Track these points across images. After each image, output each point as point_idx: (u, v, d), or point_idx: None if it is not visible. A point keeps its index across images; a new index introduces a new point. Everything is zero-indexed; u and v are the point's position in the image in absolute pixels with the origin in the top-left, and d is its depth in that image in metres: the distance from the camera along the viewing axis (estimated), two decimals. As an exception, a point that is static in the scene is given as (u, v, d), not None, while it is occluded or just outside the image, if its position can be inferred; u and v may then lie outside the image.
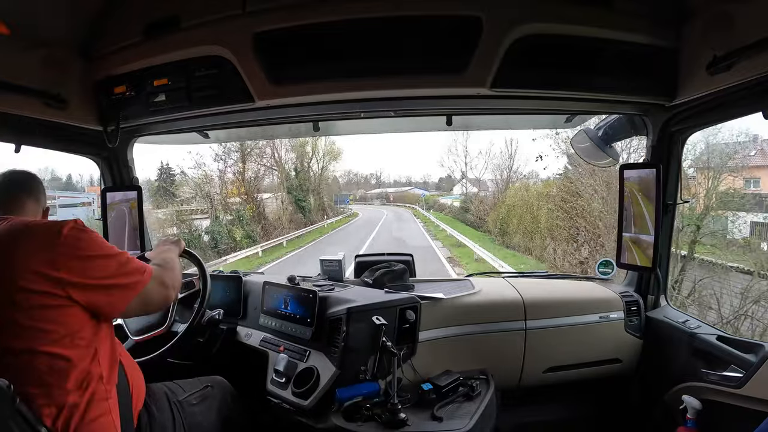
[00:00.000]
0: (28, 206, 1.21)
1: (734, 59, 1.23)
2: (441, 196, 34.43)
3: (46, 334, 0.97)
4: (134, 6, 1.56)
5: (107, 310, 1.06)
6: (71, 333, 1.00)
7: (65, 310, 0.99)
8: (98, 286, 1.03)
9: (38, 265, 0.97)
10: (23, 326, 0.95)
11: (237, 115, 1.73)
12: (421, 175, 49.75)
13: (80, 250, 1.02)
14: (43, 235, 1.01)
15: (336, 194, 29.70)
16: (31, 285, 0.96)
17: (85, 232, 1.05)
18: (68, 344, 0.99)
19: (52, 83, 1.51)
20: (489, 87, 1.45)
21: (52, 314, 0.97)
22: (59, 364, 0.98)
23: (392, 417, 1.33)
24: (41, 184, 1.29)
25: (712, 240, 7.69)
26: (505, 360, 1.80)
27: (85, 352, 1.01)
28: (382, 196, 43.24)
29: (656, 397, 1.78)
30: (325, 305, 1.63)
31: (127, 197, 2.04)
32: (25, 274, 0.96)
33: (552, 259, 11.54)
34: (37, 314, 0.96)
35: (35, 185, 1.26)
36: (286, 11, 1.42)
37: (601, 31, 1.43)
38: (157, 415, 1.21)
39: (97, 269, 1.03)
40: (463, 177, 27.48)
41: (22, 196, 1.20)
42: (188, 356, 1.69)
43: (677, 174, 1.80)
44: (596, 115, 1.98)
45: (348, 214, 29.68)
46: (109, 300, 1.05)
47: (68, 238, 1.01)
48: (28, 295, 0.95)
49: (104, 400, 1.03)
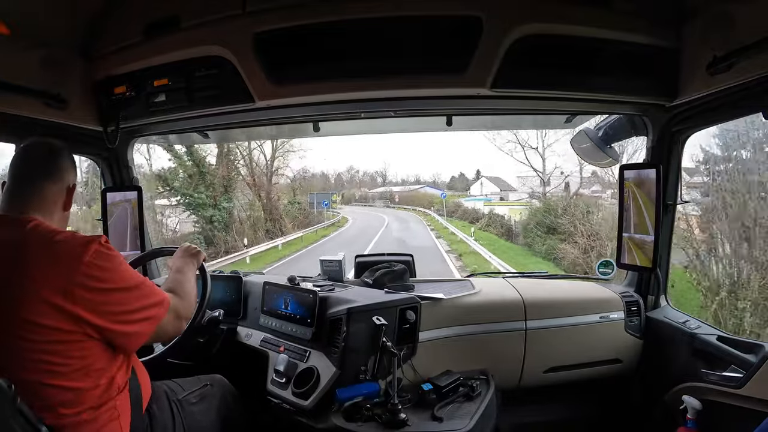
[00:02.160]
0: (51, 193, 1.05)
1: (734, 59, 1.23)
2: (462, 197, 25.68)
3: (55, 367, 0.90)
4: (134, 6, 1.56)
5: (122, 345, 1.01)
6: (85, 366, 0.94)
7: (81, 345, 0.93)
8: (115, 321, 0.96)
9: (48, 294, 0.88)
10: (31, 359, 0.89)
11: (237, 115, 1.73)
12: (430, 174, 46.04)
13: (100, 281, 0.93)
14: (63, 259, 0.91)
15: (318, 194, 22.52)
16: (42, 319, 0.87)
17: (108, 257, 0.96)
18: (80, 377, 0.93)
19: (52, 83, 1.51)
20: (489, 87, 1.45)
21: (62, 348, 0.91)
22: (69, 397, 0.92)
23: (392, 417, 1.33)
24: (66, 155, 1.11)
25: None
26: (506, 360, 1.80)
27: (99, 381, 0.97)
28: (386, 196, 37.19)
29: (656, 398, 1.78)
30: (325, 305, 1.63)
31: (127, 197, 2.04)
32: (31, 304, 0.87)
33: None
34: (47, 348, 0.89)
35: (59, 163, 1.08)
36: (286, 11, 1.42)
37: (601, 31, 1.43)
38: (157, 415, 1.20)
39: (116, 304, 0.96)
40: (548, 174, 15.76)
41: (44, 183, 1.04)
42: (188, 356, 1.68)
43: (677, 174, 1.80)
44: (596, 115, 1.98)
45: (332, 222, 21.83)
46: (126, 336, 0.99)
47: (89, 267, 0.92)
48: (37, 329, 0.88)
49: (113, 408, 1.01)
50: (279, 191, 18.40)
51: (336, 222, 22.13)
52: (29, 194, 1.03)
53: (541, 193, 15.58)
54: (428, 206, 26.17)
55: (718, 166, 6.78)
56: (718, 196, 6.43)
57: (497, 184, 23.61)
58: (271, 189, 17.14)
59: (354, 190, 42.20)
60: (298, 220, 18.97)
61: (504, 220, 16.44)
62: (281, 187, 19.13)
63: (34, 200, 1.03)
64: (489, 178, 24.98)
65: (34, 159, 1.07)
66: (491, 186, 24.80)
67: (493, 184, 24.47)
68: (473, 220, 18.86)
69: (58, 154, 1.10)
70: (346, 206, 34.16)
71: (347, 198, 38.77)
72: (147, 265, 2.06)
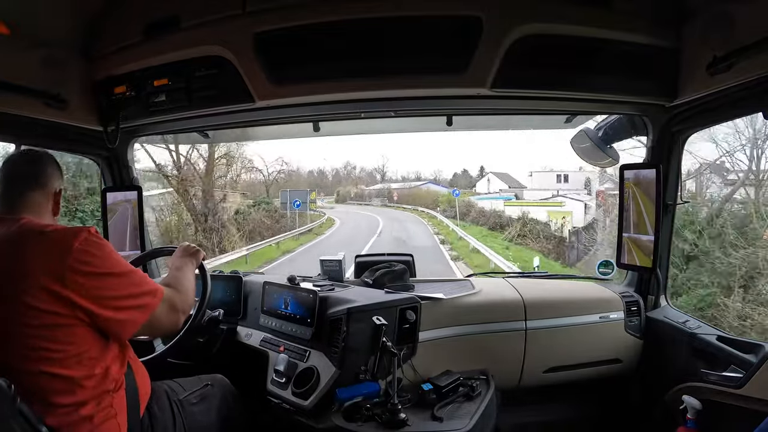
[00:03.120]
0: (35, 200, 1.11)
1: (734, 59, 1.23)
2: (469, 194, 21.17)
3: (52, 353, 0.93)
4: (134, 6, 1.56)
5: (115, 332, 1.03)
6: (78, 353, 0.97)
7: (73, 330, 0.96)
8: (107, 307, 0.98)
9: (47, 281, 0.92)
10: (32, 347, 0.93)
11: (237, 115, 1.73)
12: (431, 171, 43.39)
13: (90, 266, 0.97)
14: (55, 247, 0.96)
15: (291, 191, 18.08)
16: (40, 303, 0.92)
17: (98, 245, 1.00)
18: (74, 364, 0.96)
19: (52, 83, 1.51)
20: (489, 87, 1.45)
21: (59, 334, 0.94)
22: (65, 386, 0.95)
23: (392, 417, 1.33)
24: (48, 163, 1.16)
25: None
26: (506, 360, 1.80)
27: (93, 371, 0.99)
28: (384, 193, 32.55)
29: (656, 397, 1.78)
30: (325, 305, 1.63)
31: (127, 197, 2.04)
32: (32, 290, 0.92)
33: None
34: (45, 333, 0.93)
35: (40, 171, 1.13)
36: (286, 11, 1.42)
37: (601, 31, 1.43)
38: (158, 415, 1.20)
39: (107, 289, 0.99)
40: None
41: (26, 191, 1.10)
42: (188, 356, 1.68)
43: (677, 174, 1.80)
44: (596, 115, 1.98)
45: (308, 228, 17.09)
46: (117, 323, 1.01)
47: (79, 253, 0.96)
48: (37, 314, 0.92)
49: (110, 406, 1.02)
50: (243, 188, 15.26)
51: (316, 227, 17.94)
52: (18, 202, 1.09)
53: (589, 191, 10.62)
54: (432, 206, 21.76)
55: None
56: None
57: (506, 181, 20.71)
58: (211, 190, 13.65)
59: (350, 187, 38.48)
60: (264, 226, 15.56)
61: (545, 227, 11.10)
62: (249, 186, 16.50)
63: (24, 207, 1.09)
64: (497, 174, 21.37)
65: (17, 170, 1.13)
66: (499, 183, 21.55)
67: (501, 180, 21.28)
68: (495, 227, 13.34)
69: (39, 162, 1.15)
70: (340, 205, 32.06)
71: (342, 196, 36.12)
72: (147, 265, 2.06)
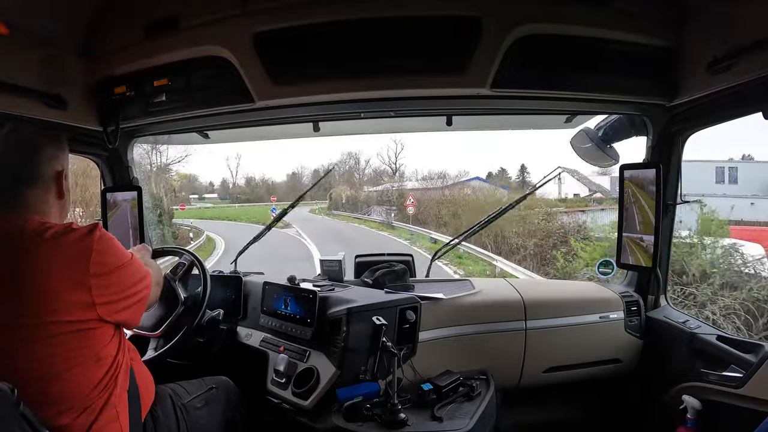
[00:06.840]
0: (33, 196, 1.01)
1: (734, 59, 1.23)
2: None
3: (56, 358, 0.91)
4: (134, 6, 1.56)
5: (128, 322, 1.04)
6: (95, 353, 0.96)
7: (95, 332, 0.95)
8: (120, 299, 0.99)
9: (72, 293, 0.89)
10: (39, 353, 0.90)
11: (237, 115, 1.73)
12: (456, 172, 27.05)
13: (106, 266, 0.96)
14: (75, 253, 0.92)
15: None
16: (65, 316, 0.89)
17: (109, 241, 0.98)
18: (77, 366, 0.94)
19: (52, 83, 1.51)
20: (489, 87, 1.44)
21: (68, 339, 0.92)
22: (65, 389, 0.93)
23: (392, 417, 1.33)
24: (40, 147, 1.02)
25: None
26: (505, 360, 1.80)
27: (96, 374, 0.97)
28: (390, 197, 20.02)
29: (656, 397, 1.78)
30: (325, 305, 1.63)
31: (126, 198, 2.04)
32: (56, 304, 0.88)
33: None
34: (54, 341, 0.90)
35: (31, 162, 1.00)
36: (286, 11, 1.42)
37: (600, 31, 1.43)
38: (162, 419, 1.19)
39: (119, 282, 0.99)
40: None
41: (20, 189, 0.99)
42: (188, 356, 1.68)
43: (677, 174, 1.80)
44: (596, 115, 1.98)
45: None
46: (130, 311, 1.02)
47: (97, 254, 0.94)
48: (58, 326, 0.89)
49: (113, 407, 1.01)
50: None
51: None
52: (14, 201, 1.01)
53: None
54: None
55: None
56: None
57: (586, 184, 15.29)
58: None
59: (343, 187, 26.71)
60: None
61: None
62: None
63: (23, 206, 1.01)
64: (569, 170, 14.83)
65: (4, 162, 1.01)
66: (574, 185, 15.98)
67: (581, 183, 15.52)
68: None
69: (28, 149, 1.01)
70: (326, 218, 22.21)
71: (335, 200, 25.11)
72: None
